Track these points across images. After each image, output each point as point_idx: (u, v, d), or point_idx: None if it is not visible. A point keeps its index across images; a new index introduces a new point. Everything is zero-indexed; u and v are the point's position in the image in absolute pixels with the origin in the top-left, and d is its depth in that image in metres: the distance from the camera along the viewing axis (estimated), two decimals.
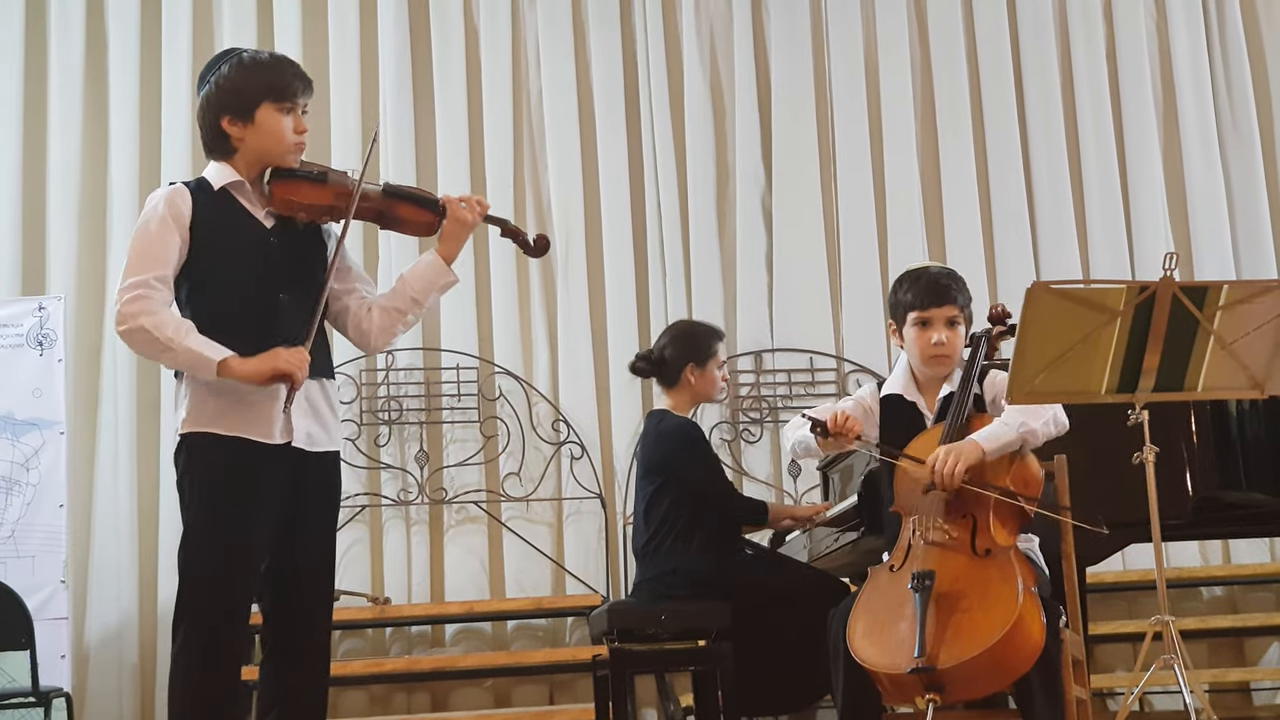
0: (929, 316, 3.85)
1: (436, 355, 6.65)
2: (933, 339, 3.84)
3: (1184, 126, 7.10)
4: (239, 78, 3.39)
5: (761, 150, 6.96)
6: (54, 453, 6.01)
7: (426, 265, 3.52)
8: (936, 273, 3.93)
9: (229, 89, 3.38)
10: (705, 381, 4.90)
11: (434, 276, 3.51)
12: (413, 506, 6.51)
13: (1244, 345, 3.55)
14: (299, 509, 3.34)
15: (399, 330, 3.57)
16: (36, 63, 6.73)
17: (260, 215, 3.41)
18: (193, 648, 3.23)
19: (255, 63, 3.43)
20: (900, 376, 3.96)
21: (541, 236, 3.66)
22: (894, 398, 3.93)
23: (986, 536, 3.50)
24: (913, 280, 3.91)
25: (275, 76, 3.41)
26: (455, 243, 3.52)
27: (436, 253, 3.52)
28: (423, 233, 3.60)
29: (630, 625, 4.67)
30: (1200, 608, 6.72)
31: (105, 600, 6.29)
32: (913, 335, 3.87)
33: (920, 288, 3.88)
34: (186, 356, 3.24)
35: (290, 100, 3.41)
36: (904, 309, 3.89)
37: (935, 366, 3.87)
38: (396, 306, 3.51)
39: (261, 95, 3.37)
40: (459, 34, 6.90)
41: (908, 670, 3.26)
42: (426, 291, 3.52)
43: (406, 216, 3.52)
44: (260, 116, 3.38)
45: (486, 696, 6.38)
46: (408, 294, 3.50)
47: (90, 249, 6.60)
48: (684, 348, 4.91)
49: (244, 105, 3.37)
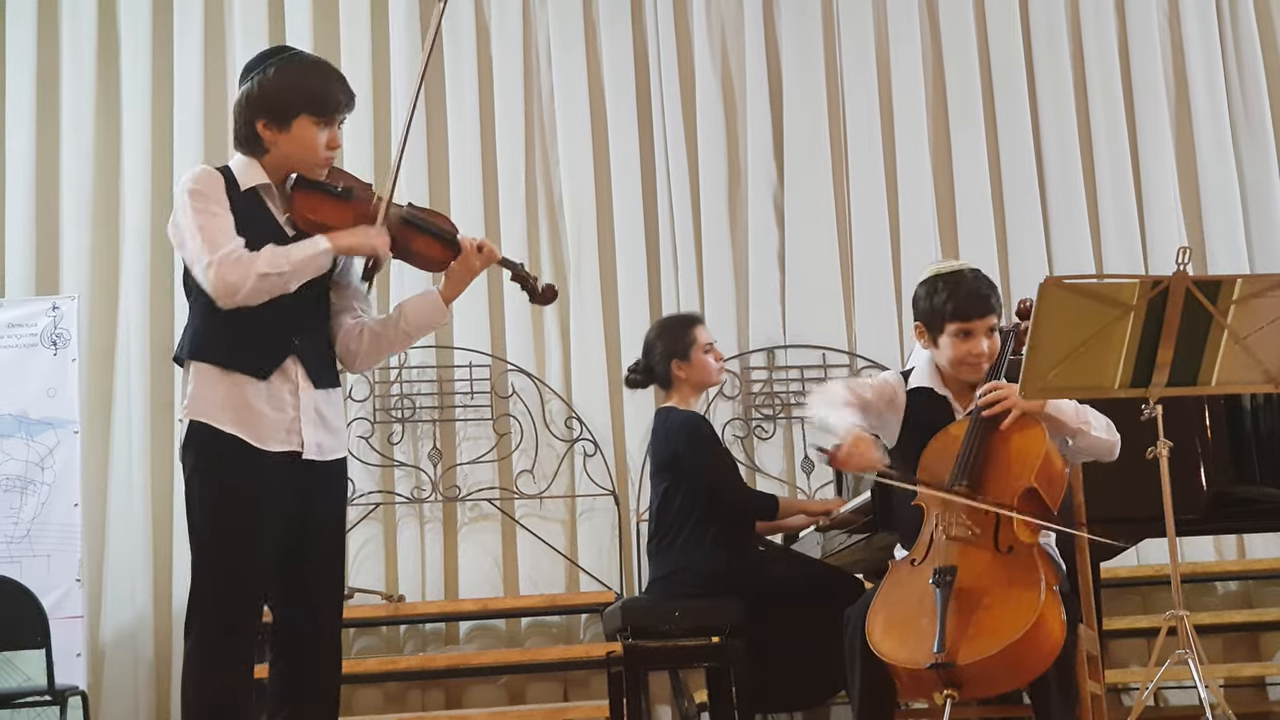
0: (971, 328, 3.75)
1: (449, 353, 6.66)
2: (974, 350, 3.76)
3: (1197, 120, 7.08)
4: (282, 83, 3.34)
5: (773, 147, 6.95)
6: (68, 452, 6.03)
7: (427, 303, 3.50)
8: (974, 280, 3.80)
9: (271, 92, 3.34)
10: (696, 370, 4.86)
11: (432, 314, 3.51)
12: (426, 504, 6.52)
13: (1258, 339, 3.54)
14: (308, 510, 3.35)
15: (382, 358, 3.59)
16: (49, 62, 6.74)
17: (282, 221, 3.38)
18: (204, 647, 3.23)
19: (301, 68, 3.39)
20: (926, 371, 3.90)
21: (549, 286, 3.64)
22: (924, 391, 3.88)
23: (1009, 533, 3.48)
24: (952, 288, 3.77)
25: (319, 88, 3.37)
26: (460, 287, 3.51)
27: (440, 293, 3.50)
28: (433, 269, 3.57)
29: (644, 622, 4.67)
30: (1215, 603, 6.71)
31: (120, 598, 6.30)
32: (951, 343, 3.77)
33: (961, 298, 3.75)
34: (305, 264, 3.27)
35: (330, 115, 3.37)
36: (943, 318, 3.77)
37: (973, 374, 3.79)
38: (387, 336, 3.50)
39: (302, 106, 3.33)
40: (470, 32, 6.90)
41: (927, 666, 3.25)
42: (421, 329, 3.52)
43: (420, 250, 3.48)
44: (297, 127, 3.34)
45: (501, 694, 6.39)
46: (402, 327, 3.49)
47: (103, 249, 6.62)
48: (663, 347, 4.88)
49: (282, 113, 3.33)
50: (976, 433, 3.62)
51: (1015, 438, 3.60)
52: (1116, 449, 3.76)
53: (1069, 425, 3.69)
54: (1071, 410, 3.70)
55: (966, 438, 3.62)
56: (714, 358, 4.90)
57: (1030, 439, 3.59)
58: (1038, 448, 3.58)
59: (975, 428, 3.63)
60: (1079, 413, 3.71)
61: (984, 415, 3.62)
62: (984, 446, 3.60)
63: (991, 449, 3.60)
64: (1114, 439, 3.74)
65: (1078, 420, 3.69)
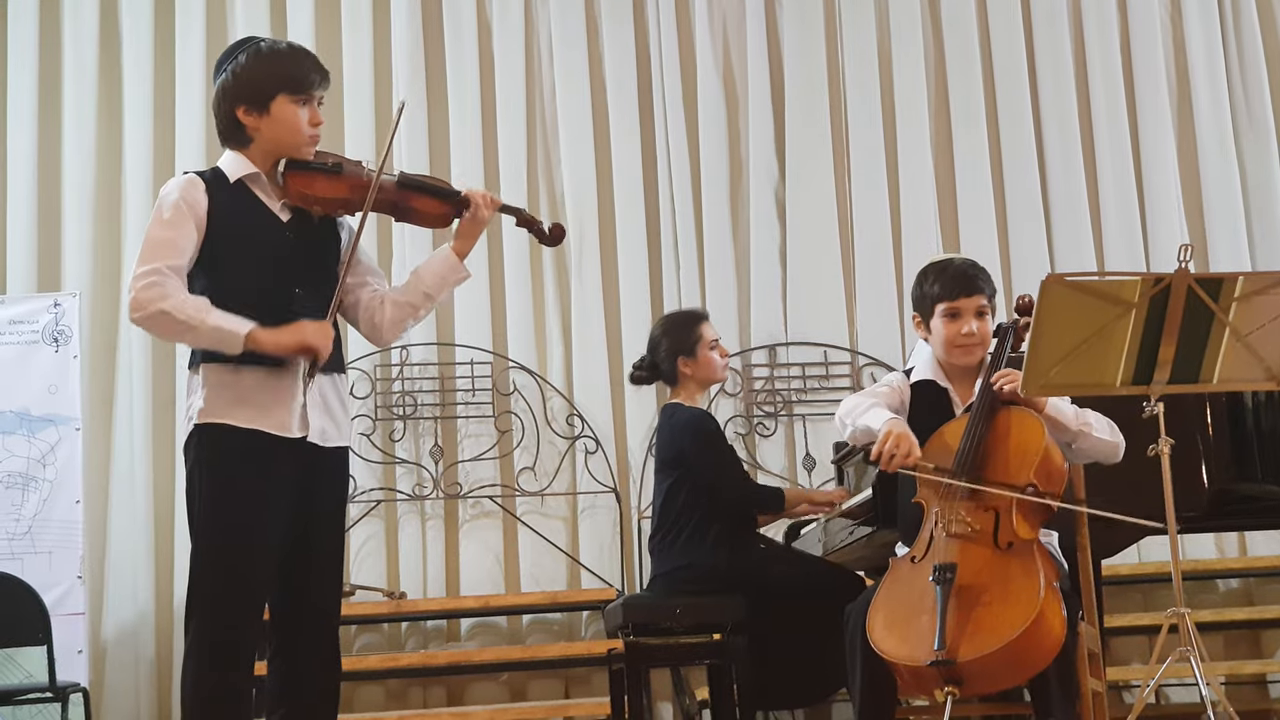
0: (958, 307, 3.85)
1: (451, 350, 6.66)
2: (963, 329, 3.84)
3: (1199, 117, 7.07)
4: (255, 68, 3.38)
5: (775, 143, 6.94)
6: (70, 449, 6.03)
7: (441, 261, 3.53)
8: (962, 264, 3.94)
9: (245, 79, 3.37)
10: (701, 367, 4.87)
11: (448, 272, 3.53)
12: (428, 501, 6.52)
13: (1260, 337, 3.54)
14: (309, 503, 3.35)
15: (410, 324, 3.58)
16: (51, 59, 6.74)
17: (276, 208, 3.41)
18: (204, 644, 3.23)
19: (273, 53, 3.42)
20: (927, 365, 3.94)
21: (557, 225, 3.67)
22: (926, 383, 3.93)
23: (1009, 530, 3.49)
24: (939, 272, 3.91)
25: (292, 68, 3.40)
26: (471, 239, 3.53)
27: (451, 248, 3.53)
28: (438, 224, 3.60)
29: (645, 619, 4.67)
30: (1216, 600, 6.70)
31: (122, 595, 6.31)
32: (941, 326, 3.86)
33: (947, 279, 3.88)
34: (211, 333, 3.24)
35: (306, 92, 3.40)
36: (931, 300, 3.89)
37: (965, 357, 3.86)
38: (409, 301, 3.52)
39: (278, 86, 3.37)
40: (472, 28, 6.90)
41: (927, 663, 3.26)
42: (440, 287, 3.53)
43: (422, 208, 3.52)
44: (276, 108, 3.37)
45: (502, 691, 6.39)
46: (420, 289, 3.51)
47: (105, 245, 6.62)
48: (669, 344, 4.88)
49: (260, 96, 3.37)
50: (975, 429, 3.63)
51: (1014, 433, 3.62)
52: (1120, 450, 3.77)
53: (1069, 428, 3.70)
54: (1071, 413, 3.72)
55: (965, 433, 3.63)
56: (719, 354, 4.90)
57: (1029, 434, 3.61)
58: (1037, 443, 3.59)
59: (974, 424, 3.63)
60: (1078, 415, 3.72)
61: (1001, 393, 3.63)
62: (984, 442, 3.61)
63: (991, 444, 3.62)
64: (1117, 440, 3.76)
65: (1078, 423, 3.71)
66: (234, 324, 3.23)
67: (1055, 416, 3.68)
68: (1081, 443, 3.74)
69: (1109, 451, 3.76)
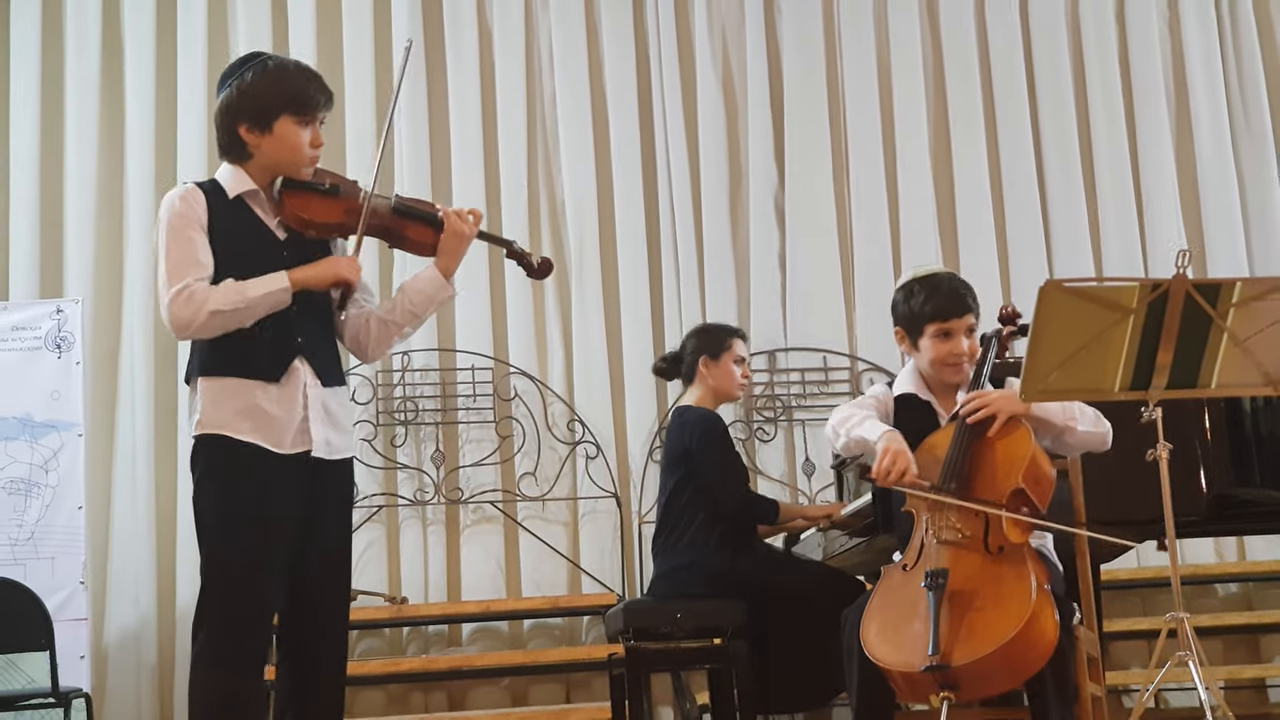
0: (950, 328, 3.84)
1: (452, 356, 6.67)
2: (955, 349, 3.84)
3: (1197, 125, 7.09)
4: (261, 86, 3.38)
5: (774, 150, 6.96)
6: (72, 455, 6.04)
7: (426, 280, 3.51)
8: (951, 281, 3.92)
9: (250, 96, 3.38)
10: (720, 374, 4.91)
11: (433, 291, 3.51)
12: (429, 506, 6.53)
13: (1257, 342, 3.55)
14: (315, 511, 3.36)
15: (395, 342, 3.59)
16: (53, 66, 6.75)
17: (273, 225, 3.42)
18: (212, 651, 3.24)
19: (279, 71, 3.42)
20: (911, 377, 3.96)
21: (545, 260, 3.64)
22: (909, 397, 3.94)
23: (999, 534, 3.51)
24: (930, 290, 3.87)
25: (298, 88, 3.40)
26: (453, 258, 3.51)
27: (435, 267, 3.51)
28: (428, 253, 3.57)
29: (646, 624, 4.69)
30: (1215, 605, 6.72)
31: (124, 601, 6.31)
32: (931, 345, 3.85)
33: (941, 298, 3.85)
34: (261, 301, 3.29)
35: (310, 114, 3.40)
36: (923, 320, 3.86)
37: (955, 375, 3.87)
38: (395, 320, 3.51)
39: (282, 107, 3.37)
40: (472, 35, 6.92)
41: (922, 669, 3.27)
42: (425, 306, 3.52)
43: (414, 236, 3.51)
44: (279, 127, 3.38)
45: (503, 695, 6.40)
46: (406, 308, 3.51)
47: (107, 252, 6.63)
48: (698, 343, 4.98)
49: (264, 115, 3.37)
50: (962, 438, 3.64)
51: (1001, 441, 3.64)
52: (1109, 438, 3.79)
53: (1055, 424, 3.73)
54: (1057, 409, 3.73)
55: (953, 443, 3.65)
56: (742, 373, 4.96)
57: (1016, 442, 3.63)
58: (1024, 450, 3.61)
59: (961, 433, 3.65)
60: (1064, 410, 3.73)
61: (968, 422, 3.65)
62: (970, 451, 3.63)
63: (978, 453, 3.64)
64: (1103, 429, 3.78)
65: (1064, 418, 3.73)
66: (272, 282, 3.30)
67: (1041, 415, 3.70)
68: (1070, 437, 3.76)
69: (1098, 441, 3.79)
